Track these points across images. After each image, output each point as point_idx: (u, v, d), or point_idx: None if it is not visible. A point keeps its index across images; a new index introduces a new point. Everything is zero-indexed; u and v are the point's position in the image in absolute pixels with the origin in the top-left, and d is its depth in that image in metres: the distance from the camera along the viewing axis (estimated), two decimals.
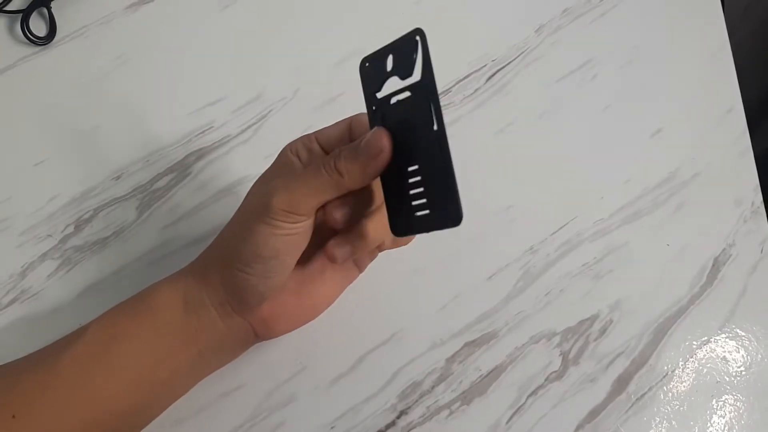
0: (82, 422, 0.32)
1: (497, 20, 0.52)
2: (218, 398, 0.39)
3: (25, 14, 0.47)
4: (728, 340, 0.43)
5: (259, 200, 0.31)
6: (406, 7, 0.52)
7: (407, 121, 0.29)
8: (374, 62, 0.31)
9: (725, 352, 0.42)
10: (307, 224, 0.31)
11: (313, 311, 0.36)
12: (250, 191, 0.34)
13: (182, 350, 0.33)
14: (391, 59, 0.30)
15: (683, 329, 0.43)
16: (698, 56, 0.52)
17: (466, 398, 0.40)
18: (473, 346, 0.41)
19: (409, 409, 0.39)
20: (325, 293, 0.35)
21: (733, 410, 0.41)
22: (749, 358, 0.42)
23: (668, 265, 0.44)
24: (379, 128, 0.29)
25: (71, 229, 0.43)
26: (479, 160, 0.46)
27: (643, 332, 0.42)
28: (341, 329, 0.39)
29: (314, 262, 0.34)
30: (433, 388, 0.40)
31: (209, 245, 0.35)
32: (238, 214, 0.34)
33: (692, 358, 0.42)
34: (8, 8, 0.48)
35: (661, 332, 0.42)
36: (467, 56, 0.50)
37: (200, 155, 0.45)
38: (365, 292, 0.38)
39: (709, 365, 0.42)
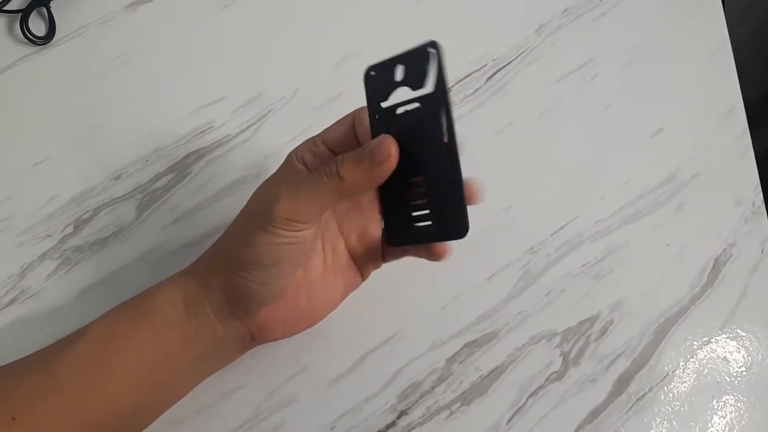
0: (82, 423, 0.31)
1: (497, 20, 0.52)
2: (218, 398, 0.39)
3: (24, 14, 0.47)
4: (729, 340, 0.43)
5: (261, 207, 0.31)
6: (406, 7, 0.52)
7: (414, 131, 0.29)
8: (381, 71, 0.31)
9: (726, 352, 0.42)
10: (309, 233, 0.30)
11: (313, 317, 0.35)
12: (252, 196, 0.34)
13: (182, 352, 0.33)
14: (401, 69, 0.30)
15: (684, 329, 0.42)
16: (698, 56, 0.52)
17: (466, 399, 0.40)
18: (473, 346, 0.41)
19: (409, 409, 0.39)
20: (326, 300, 0.35)
21: (733, 410, 0.41)
22: (750, 358, 0.42)
23: (669, 265, 0.44)
24: (385, 135, 0.29)
25: (71, 229, 0.42)
26: (479, 160, 0.46)
27: (643, 332, 0.42)
28: (341, 329, 0.39)
29: (316, 268, 0.34)
30: (433, 388, 0.40)
31: (210, 247, 0.35)
32: (239, 218, 0.34)
33: (693, 358, 0.42)
34: (7, 8, 0.48)
35: (661, 332, 0.42)
36: (467, 56, 0.50)
37: (200, 155, 0.45)
38: (365, 292, 0.37)
39: (709, 365, 0.42)
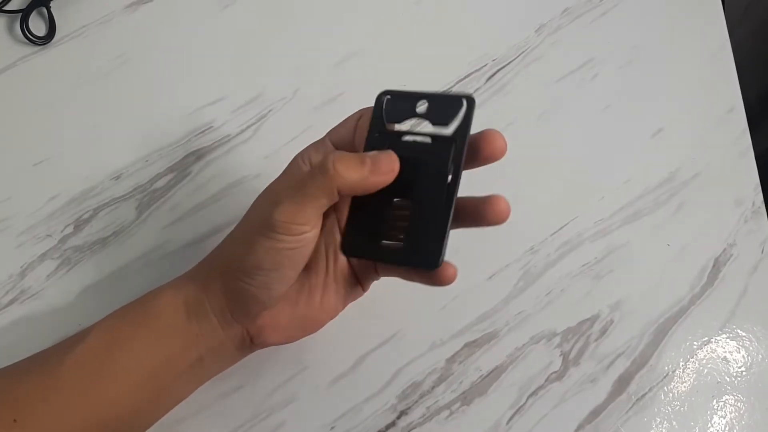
0: (83, 425, 0.31)
1: (497, 20, 0.52)
2: (218, 398, 0.39)
3: (24, 14, 0.47)
4: (729, 340, 0.43)
5: (262, 213, 0.31)
6: (406, 7, 0.52)
7: (417, 161, 0.31)
8: (399, 99, 0.32)
9: (726, 352, 0.42)
10: (310, 236, 0.30)
11: (313, 324, 0.35)
12: (256, 200, 0.34)
13: (183, 355, 0.33)
14: (425, 105, 0.32)
15: (684, 329, 0.42)
16: (698, 56, 0.52)
17: (466, 398, 0.40)
18: (473, 346, 0.41)
19: (409, 409, 0.39)
20: (327, 306, 0.35)
21: (733, 410, 0.41)
22: (750, 358, 0.42)
23: (669, 265, 0.44)
24: (391, 152, 0.31)
25: (71, 229, 0.42)
26: None
27: (643, 332, 0.42)
28: (341, 329, 0.39)
29: (318, 272, 0.34)
30: (433, 388, 0.40)
31: (212, 251, 0.35)
32: (242, 224, 0.34)
33: (693, 358, 0.42)
34: (8, 8, 0.48)
35: (661, 332, 0.42)
36: (467, 56, 0.50)
37: (200, 155, 0.45)
38: (366, 292, 0.37)
39: (709, 365, 0.42)
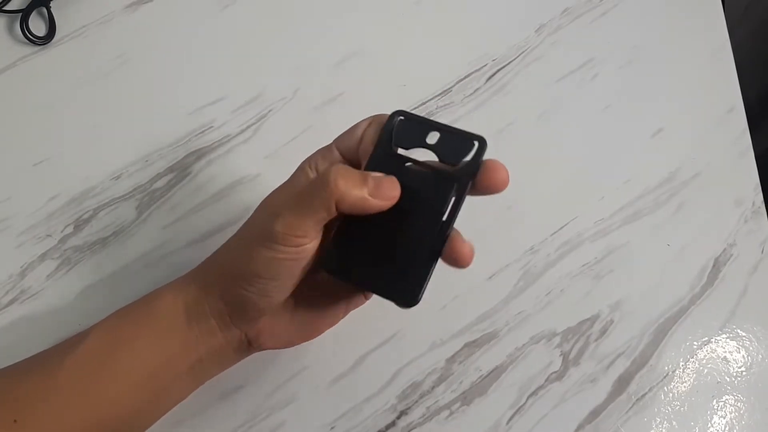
0: (83, 425, 0.31)
1: (497, 20, 0.52)
2: (218, 398, 0.39)
3: (24, 14, 0.47)
4: (729, 340, 0.43)
5: (263, 222, 0.31)
6: (406, 7, 0.52)
7: (415, 191, 0.30)
8: (412, 124, 0.31)
9: (726, 352, 0.42)
10: (310, 247, 0.30)
11: (312, 331, 0.35)
12: (259, 207, 0.33)
13: (183, 356, 0.33)
14: (437, 137, 0.30)
15: (684, 329, 0.42)
16: (698, 56, 0.52)
17: (466, 398, 0.40)
18: (473, 346, 0.41)
19: (409, 409, 0.39)
20: (327, 313, 0.35)
21: (733, 410, 0.41)
22: (750, 358, 0.42)
23: (669, 265, 0.44)
24: (394, 179, 0.30)
25: (71, 229, 0.42)
26: None
27: (643, 332, 0.42)
28: (341, 329, 0.39)
29: (318, 281, 0.34)
30: (433, 388, 0.40)
31: (213, 254, 0.35)
32: (242, 230, 0.34)
33: (693, 358, 0.42)
34: (8, 8, 0.48)
35: (661, 332, 0.42)
36: (467, 56, 0.50)
37: (200, 155, 0.45)
38: None
39: (709, 365, 0.42)
